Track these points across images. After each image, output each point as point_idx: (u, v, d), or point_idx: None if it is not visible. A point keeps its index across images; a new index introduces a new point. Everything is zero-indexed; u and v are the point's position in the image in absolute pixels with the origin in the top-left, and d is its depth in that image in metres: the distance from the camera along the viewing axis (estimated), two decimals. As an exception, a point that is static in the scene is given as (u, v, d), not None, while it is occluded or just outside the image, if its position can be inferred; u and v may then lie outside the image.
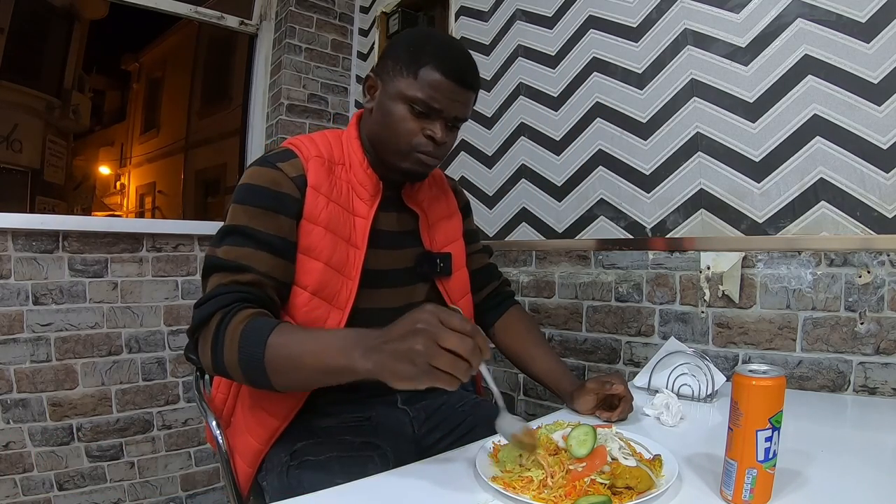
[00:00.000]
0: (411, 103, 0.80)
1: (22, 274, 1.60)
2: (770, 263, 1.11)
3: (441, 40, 0.86)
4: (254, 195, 0.79)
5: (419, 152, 0.83)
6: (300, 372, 0.67)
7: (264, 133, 2.31)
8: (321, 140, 0.88)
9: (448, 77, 0.79)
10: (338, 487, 0.63)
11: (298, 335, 0.69)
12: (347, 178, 0.86)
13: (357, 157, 0.87)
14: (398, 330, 0.58)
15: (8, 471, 1.56)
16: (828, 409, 0.96)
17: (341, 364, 0.63)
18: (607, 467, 0.60)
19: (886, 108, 0.96)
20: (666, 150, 1.27)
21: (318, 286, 0.80)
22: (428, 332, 0.55)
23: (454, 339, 0.55)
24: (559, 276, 1.50)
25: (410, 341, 0.56)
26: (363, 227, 0.85)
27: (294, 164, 0.82)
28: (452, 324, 0.56)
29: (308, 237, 0.80)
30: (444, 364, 0.55)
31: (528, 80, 1.59)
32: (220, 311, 0.72)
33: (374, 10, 2.26)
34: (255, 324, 0.69)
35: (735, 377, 0.57)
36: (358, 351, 0.61)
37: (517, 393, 1.61)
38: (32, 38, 2.43)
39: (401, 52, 0.82)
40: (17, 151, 2.37)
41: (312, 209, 0.81)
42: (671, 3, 1.24)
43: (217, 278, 0.75)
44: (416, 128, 0.81)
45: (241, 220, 0.78)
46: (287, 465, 0.78)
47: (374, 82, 0.86)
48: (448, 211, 1.02)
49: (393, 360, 0.57)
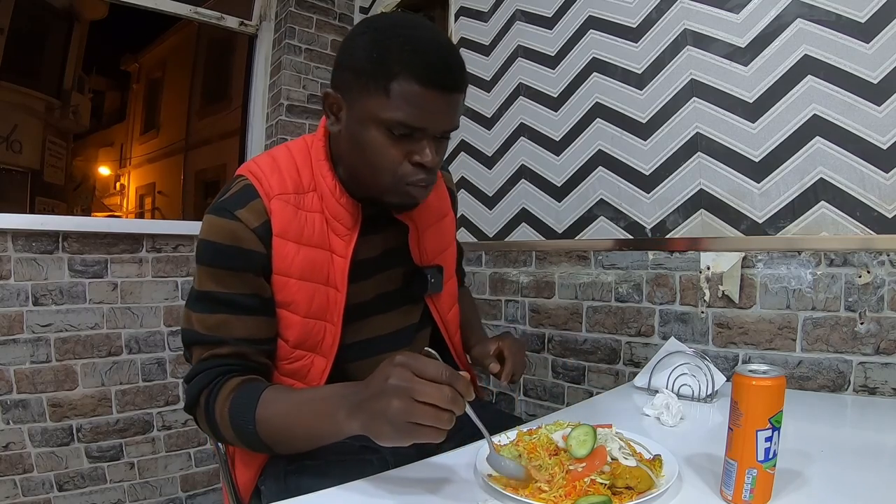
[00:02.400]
0: (388, 127, 0.66)
1: (22, 274, 1.60)
2: (770, 263, 1.11)
3: (408, 36, 0.67)
4: (215, 255, 0.71)
5: (408, 184, 0.71)
6: (297, 442, 0.67)
7: (264, 133, 2.31)
8: (285, 163, 0.76)
9: (427, 86, 0.64)
10: (336, 488, 0.63)
11: (281, 406, 0.67)
12: (320, 207, 0.76)
13: (328, 185, 0.75)
14: (373, 388, 0.56)
15: (8, 471, 1.56)
16: (828, 409, 0.96)
17: (331, 430, 0.62)
18: (607, 467, 0.60)
19: (886, 108, 0.96)
20: (666, 151, 1.27)
21: (300, 338, 0.76)
22: (402, 389, 0.53)
23: (431, 392, 0.52)
24: (559, 276, 1.50)
25: (385, 401, 0.53)
26: (342, 267, 0.76)
27: (254, 208, 0.71)
28: (427, 374, 0.53)
29: (282, 292, 0.74)
30: (424, 419, 0.52)
31: (527, 80, 1.59)
32: (206, 391, 0.70)
33: (374, 11, 2.26)
34: (239, 400, 0.67)
35: (735, 377, 0.57)
36: (341, 413, 0.60)
37: (517, 393, 1.61)
38: (32, 39, 2.43)
39: (364, 61, 0.67)
40: (16, 152, 2.36)
41: (282, 262, 0.72)
42: (671, 3, 1.24)
43: (198, 352, 0.73)
44: (398, 155, 0.68)
45: (207, 284, 0.72)
46: (285, 470, 0.77)
47: (336, 100, 0.71)
48: (440, 211, 0.91)
49: (373, 421, 0.55)
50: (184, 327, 0.74)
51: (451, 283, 0.92)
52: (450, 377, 0.53)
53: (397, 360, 0.55)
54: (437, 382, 0.53)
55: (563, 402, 1.49)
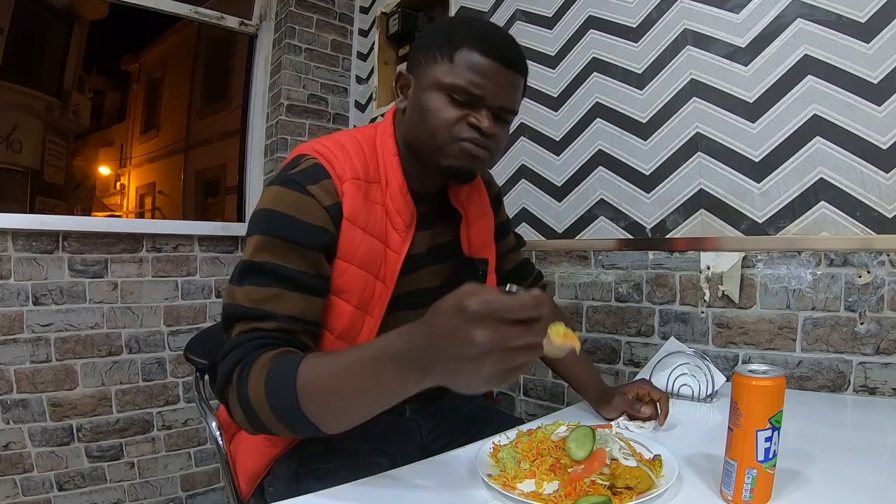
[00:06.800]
0: (449, 91, 0.69)
1: (22, 274, 1.60)
2: (770, 263, 1.11)
3: (478, 21, 0.76)
4: (279, 225, 0.67)
5: (462, 140, 0.71)
6: (351, 409, 0.58)
7: (264, 133, 2.31)
8: (356, 151, 0.74)
9: (489, 57, 0.69)
10: (338, 487, 0.63)
11: (328, 368, 0.57)
12: (383, 200, 0.75)
13: (397, 179, 0.75)
14: (455, 348, 0.45)
15: (8, 471, 1.56)
16: (828, 409, 0.96)
17: (398, 392, 0.53)
18: (606, 469, 0.60)
19: (886, 108, 0.96)
20: (666, 151, 1.27)
21: (345, 329, 0.73)
22: (493, 346, 0.44)
23: (523, 334, 0.45)
24: (559, 276, 1.50)
25: (476, 363, 0.45)
26: (395, 262, 0.75)
27: (327, 187, 0.69)
28: (514, 314, 0.45)
29: (342, 278, 0.71)
30: (522, 359, 0.46)
31: (528, 80, 1.59)
32: (239, 366, 0.61)
33: (374, 11, 2.26)
34: (278, 370, 0.58)
35: (735, 377, 0.57)
36: (410, 373, 0.50)
37: (517, 393, 1.61)
38: (32, 39, 2.43)
39: (434, 39, 0.72)
40: (16, 152, 2.36)
41: (348, 246, 0.70)
42: (671, 3, 1.24)
43: (238, 327, 0.65)
44: (456, 115, 0.70)
45: (263, 255, 0.66)
46: (296, 473, 0.76)
47: (407, 79, 0.76)
48: (482, 210, 0.92)
49: (459, 379, 0.47)
50: (226, 302, 0.67)
51: (491, 279, 0.93)
52: (537, 306, 0.45)
53: (472, 310, 0.44)
54: (524, 319, 0.45)
55: (563, 402, 1.49)
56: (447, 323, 0.46)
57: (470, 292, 0.45)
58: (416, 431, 0.90)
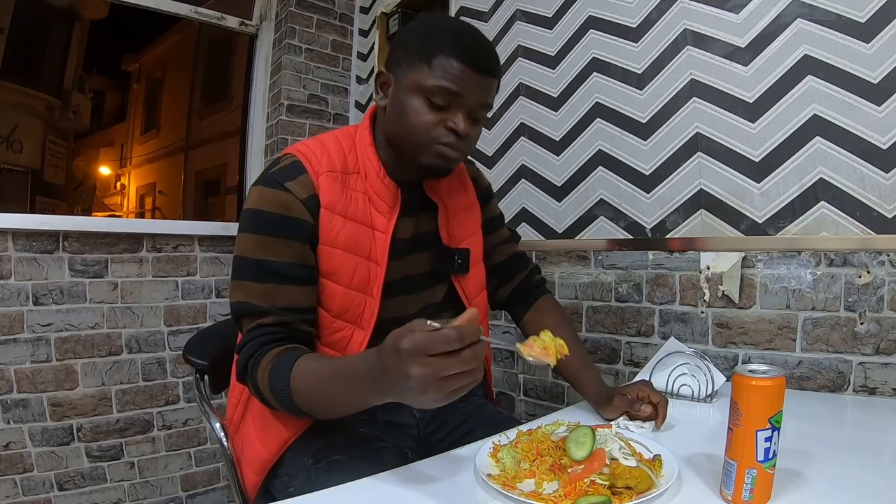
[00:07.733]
0: (428, 95, 0.75)
1: (22, 274, 1.60)
2: (770, 263, 1.11)
3: (454, 26, 0.80)
4: (263, 222, 0.75)
5: (440, 143, 0.77)
6: (332, 410, 0.70)
7: (264, 133, 2.31)
8: (333, 147, 0.82)
9: (465, 63, 0.73)
10: (336, 487, 0.63)
11: (311, 377, 0.68)
12: (364, 187, 0.81)
13: (373, 166, 0.82)
14: (398, 385, 0.54)
15: (8, 471, 1.56)
16: (828, 409, 0.96)
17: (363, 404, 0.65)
18: (606, 469, 0.60)
19: (886, 108, 0.96)
20: (666, 151, 1.27)
21: (341, 309, 0.79)
22: (427, 378, 0.51)
23: (454, 363, 0.52)
24: (559, 276, 1.50)
25: (417, 394, 0.53)
26: (383, 242, 0.81)
27: (303, 182, 0.76)
28: (440, 349, 0.51)
29: (327, 262, 0.78)
30: (458, 384, 0.53)
31: (527, 80, 1.59)
32: (251, 361, 0.74)
33: (374, 11, 2.26)
34: (276, 371, 0.70)
35: (735, 377, 0.57)
36: (373, 395, 0.61)
37: (517, 393, 1.61)
38: (32, 39, 2.43)
39: (412, 42, 0.77)
40: (17, 152, 2.37)
41: (328, 232, 0.77)
42: (671, 3, 1.24)
43: (246, 323, 0.76)
44: (434, 119, 0.76)
45: (254, 252, 0.75)
46: (314, 468, 0.77)
47: (387, 78, 0.80)
48: (467, 202, 0.97)
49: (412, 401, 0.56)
50: (232, 300, 0.77)
51: (479, 268, 0.98)
52: (459, 338, 0.51)
53: (404, 349, 0.52)
54: (453, 351, 0.51)
55: (563, 402, 1.49)
56: (389, 362, 0.54)
57: (401, 333, 0.53)
58: (414, 426, 0.93)
